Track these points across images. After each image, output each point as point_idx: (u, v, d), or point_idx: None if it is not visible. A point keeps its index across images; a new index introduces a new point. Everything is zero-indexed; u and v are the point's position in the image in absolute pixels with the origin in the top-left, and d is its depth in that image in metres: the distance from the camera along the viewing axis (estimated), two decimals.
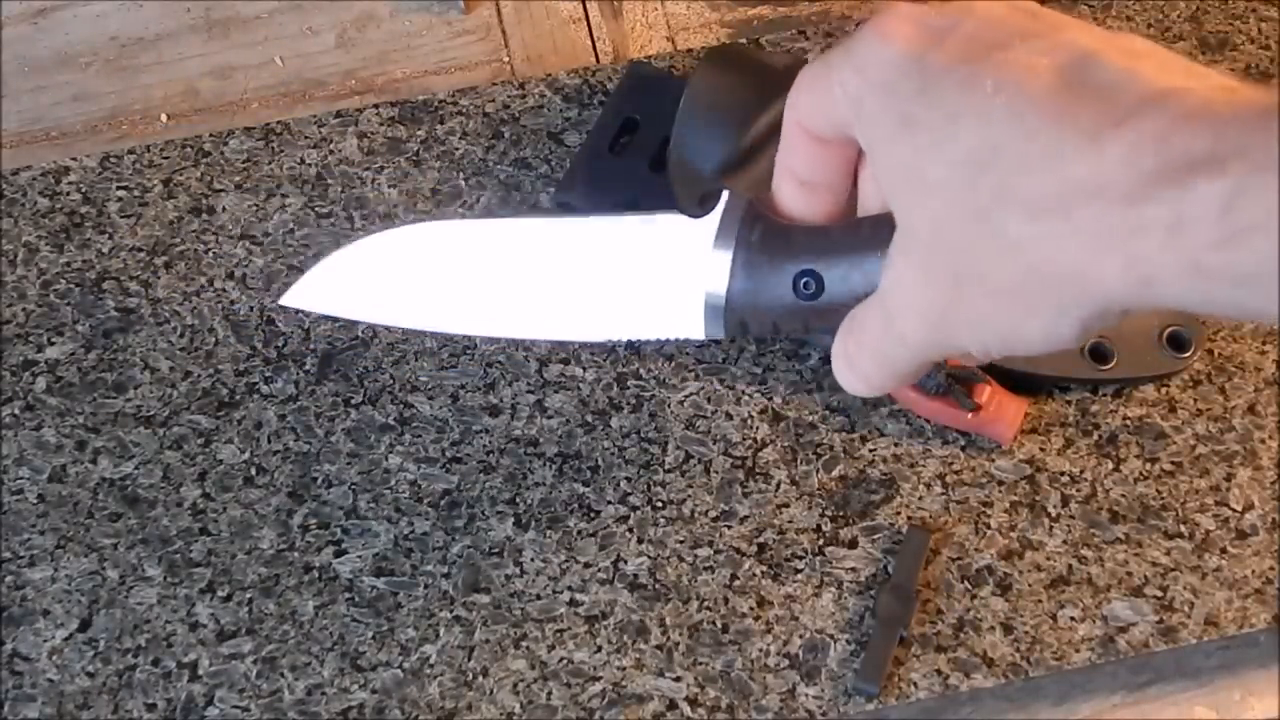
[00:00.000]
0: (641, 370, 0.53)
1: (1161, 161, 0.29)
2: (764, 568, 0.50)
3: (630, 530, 0.50)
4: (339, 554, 0.50)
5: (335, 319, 0.54)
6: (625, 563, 0.50)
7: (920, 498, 0.51)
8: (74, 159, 0.58)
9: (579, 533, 0.50)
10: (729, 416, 0.53)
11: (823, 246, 0.41)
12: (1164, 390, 0.53)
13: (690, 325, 0.45)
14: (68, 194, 0.57)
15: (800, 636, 0.48)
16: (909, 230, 0.36)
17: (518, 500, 0.51)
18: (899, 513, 0.51)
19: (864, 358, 0.39)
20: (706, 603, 0.49)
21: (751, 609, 0.49)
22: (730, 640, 0.48)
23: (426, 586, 0.49)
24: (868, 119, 0.36)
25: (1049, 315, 0.33)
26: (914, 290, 0.36)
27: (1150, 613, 0.49)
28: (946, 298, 0.35)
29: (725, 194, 0.44)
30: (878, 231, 0.38)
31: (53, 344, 0.54)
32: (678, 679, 0.48)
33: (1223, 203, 0.29)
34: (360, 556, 0.50)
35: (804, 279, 0.41)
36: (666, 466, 0.52)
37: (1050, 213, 0.32)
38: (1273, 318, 0.30)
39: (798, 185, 0.41)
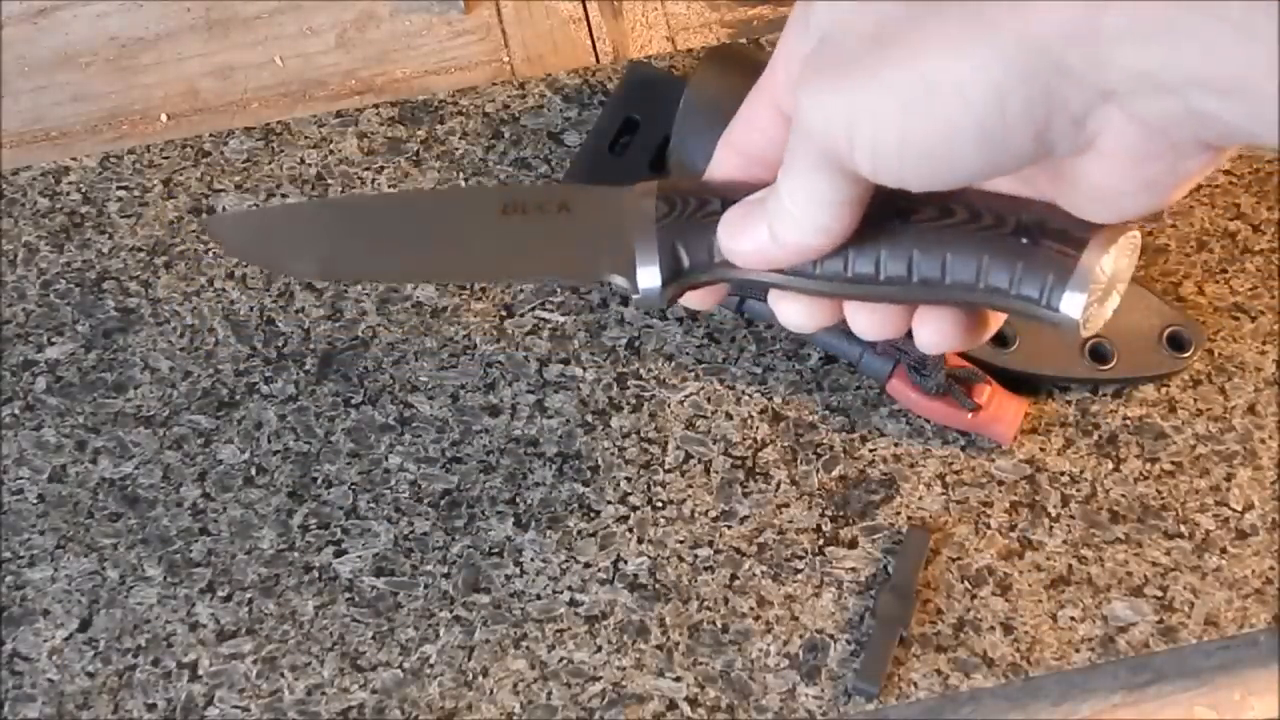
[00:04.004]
0: (641, 370, 0.53)
1: None
2: (764, 568, 0.50)
3: (630, 530, 0.50)
4: (339, 554, 0.50)
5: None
6: (625, 563, 0.50)
7: (920, 498, 0.51)
8: (74, 159, 0.58)
9: (579, 533, 0.50)
10: (729, 416, 0.53)
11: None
12: (1164, 390, 0.53)
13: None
14: (68, 194, 0.57)
15: (800, 636, 0.48)
16: (827, 38, 0.34)
17: (518, 500, 0.51)
18: (899, 513, 0.51)
19: (776, 181, 0.37)
20: (706, 603, 0.49)
21: (751, 609, 0.49)
22: (730, 640, 0.48)
23: (426, 586, 0.50)
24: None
25: (972, 61, 0.30)
26: (822, 56, 0.34)
27: (1150, 613, 0.49)
28: (856, 58, 0.32)
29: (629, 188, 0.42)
30: None
31: (53, 344, 0.54)
32: (678, 679, 0.48)
33: None
34: (360, 556, 0.50)
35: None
36: (666, 466, 0.52)
37: None
38: (1221, 74, 0.28)
39: (745, 163, 0.40)
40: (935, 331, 0.39)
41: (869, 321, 0.40)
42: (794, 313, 0.40)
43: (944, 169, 0.33)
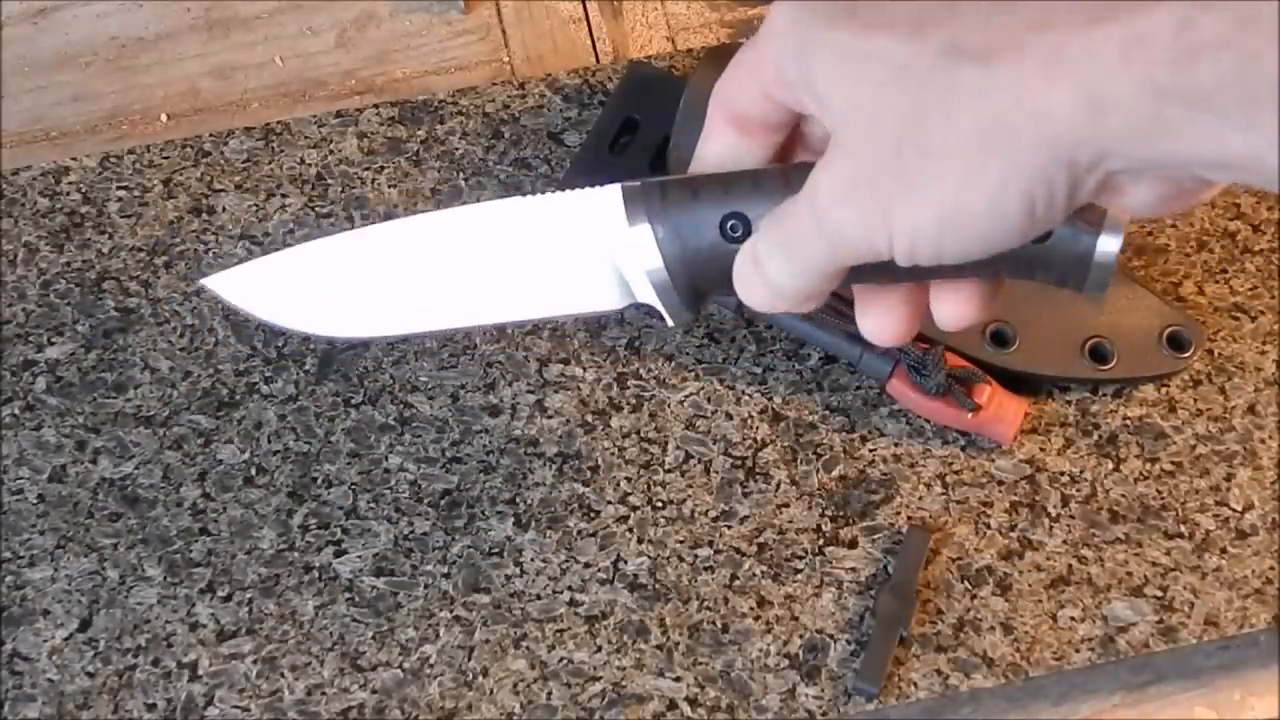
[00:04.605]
0: (641, 370, 0.53)
1: None
2: (764, 568, 0.50)
3: (630, 530, 0.50)
4: (339, 554, 0.50)
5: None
6: (625, 563, 0.50)
7: (920, 498, 0.51)
8: (74, 159, 0.58)
9: (579, 533, 0.50)
10: (729, 416, 0.53)
11: (748, 187, 0.39)
12: (1164, 390, 0.53)
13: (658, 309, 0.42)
14: (68, 194, 0.57)
15: (800, 636, 0.48)
16: (848, 118, 0.34)
17: (518, 500, 0.51)
18: (899, 513, 0.51)
19: (775, 257, 0.37)
20: (706, 603, 0.49)
21: (751, 609, 0.49)
22: (730, 640, 0.48)
23: (426, 586, 0.50)
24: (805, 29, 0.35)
25: (995, 175, 0.32)
26: (848, 168, 0.34)
27: (1150, 613, 0.49)
28: (884, 171, 0.33)
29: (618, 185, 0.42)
30: (804, 174, 0.36)
31: (53, 344, 0.54)
32: (678, 679, 0.48)
33: (1180, 18, 0.28)
34: (360, 556, 0.50)
35: (730, 221, 0.40)
36: (666, 466, 0.52)
37: (1003, 53, 0.31)
38: (1225, 158, 0.29)
39: (732, 124, 0.39)
40: (953, 310, 0.40)
41: (879, 324, 0.40)
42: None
43: (984, 253, 0.34)
